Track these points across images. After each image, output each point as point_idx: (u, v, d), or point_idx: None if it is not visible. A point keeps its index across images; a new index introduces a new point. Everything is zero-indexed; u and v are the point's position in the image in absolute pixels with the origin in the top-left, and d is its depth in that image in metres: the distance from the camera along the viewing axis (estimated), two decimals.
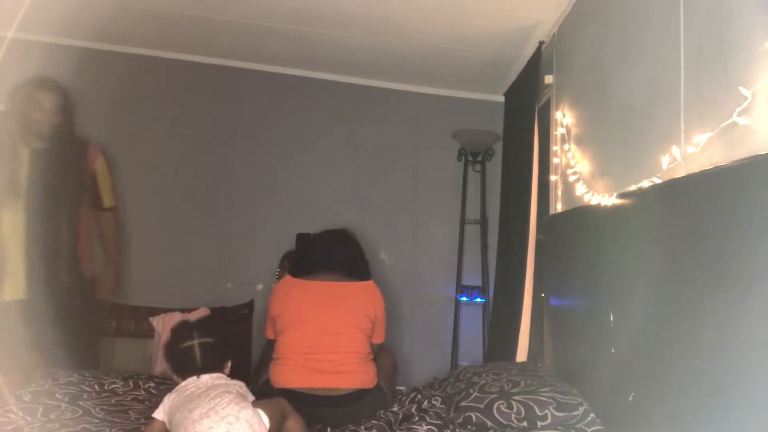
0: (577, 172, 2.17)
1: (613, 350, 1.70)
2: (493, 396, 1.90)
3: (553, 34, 2.61)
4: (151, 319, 3.17)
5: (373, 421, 2.09)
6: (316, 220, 3.65)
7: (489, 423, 1.84)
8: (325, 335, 2.29)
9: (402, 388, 2.74)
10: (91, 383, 2.37)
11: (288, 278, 2.46)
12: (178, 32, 3.45)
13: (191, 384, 1.83)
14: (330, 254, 2.52)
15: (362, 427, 2.06)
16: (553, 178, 2.57)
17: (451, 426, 1.93)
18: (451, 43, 2.96)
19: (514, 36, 2.76)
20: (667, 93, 1.47)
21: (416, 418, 2.04)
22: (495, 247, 3.45)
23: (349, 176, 3.81)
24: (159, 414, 1.80)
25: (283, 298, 2.40)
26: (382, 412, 2.19)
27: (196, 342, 1.89)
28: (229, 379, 1.91)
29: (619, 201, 1.70)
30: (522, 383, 1.96)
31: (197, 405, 1.72)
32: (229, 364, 1.96)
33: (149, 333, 3.15)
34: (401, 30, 2.90)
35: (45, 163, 2.69)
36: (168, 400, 1.81)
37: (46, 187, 2.65)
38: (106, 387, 2.37)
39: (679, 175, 1.35)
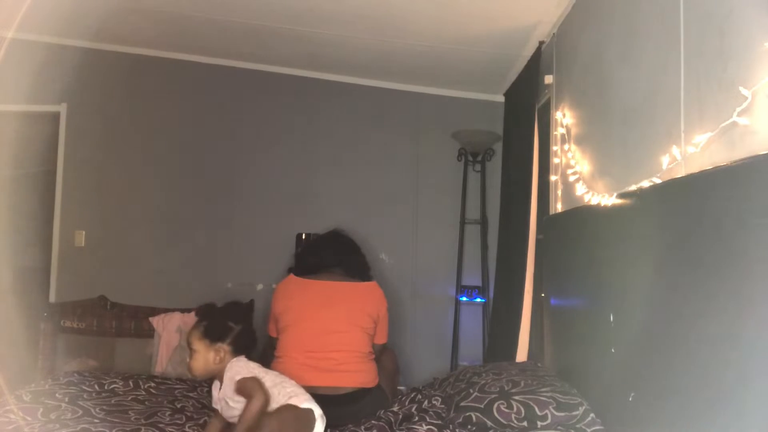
0: (577, 172, 2.17)
1: (613, 350, 1.70)
2: (493, 396, 1.89)
3: (553, 34, 2.61)
4: (151, 319, 3.17)
5: (374, 421, 2.09)
6: (316, 220, 3.66)
7: (489, 423, 1.84)
8: (327, 334, 2.29)
9: (402, 388, 2.74)
10: (91, 383, 2.37)
11: (291, 277, 2.47)
12: (178, 32, 3.45)
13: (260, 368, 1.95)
14: (334, 254, 2.56)
15: (362, 427, 2.06)
16: (553, 178, 2.57)
17: (451, 426, 1.93)
18: (452, 43, 2.96)
19: (514, 36, 2.76)
20: (667, 93, 1.47)
21: (416, 418, 2.04)
22: (495, 247, 3.45)
23: (349, 176, 3.81)
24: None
25: (286, 297, 2.40)
26: (383, 412, 2.19)
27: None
28: None
29: (619, 201, 1.70)
30: (522, 383, 1.96)
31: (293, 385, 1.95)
32: None
33: (149, 333, 3.15)
34: (401, 30, 2.90)
35: None
36: (266, 382, 1.89)
37: None
38: (106, 387, 2.37)
39: (679, 175, 1.35)
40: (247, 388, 1.83)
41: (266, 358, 2.52)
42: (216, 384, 1.96)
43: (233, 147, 3.87)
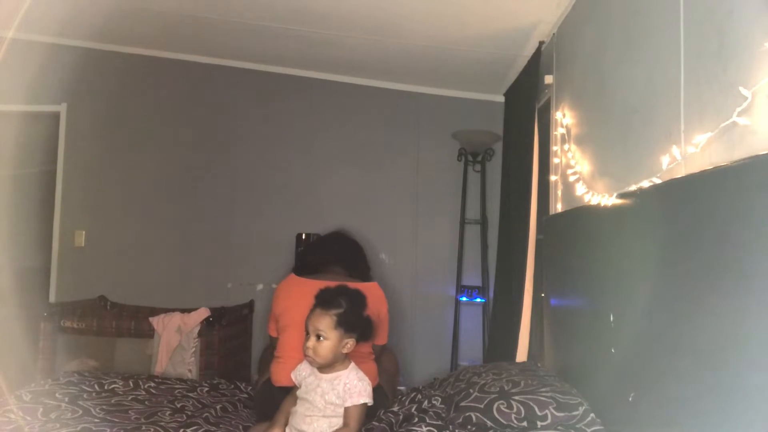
0: (577, 172, 2.17)
1: (613, 350, 1.70)
2: (493, 396, 1.89)
3: (553, 34, 2.61)
4: (151, 319, 3.17)
5: (374, 422, 2.09)
6: (316, 221, 3.67)
7: (489, 423, 1.84)
8: None
9: (402, 388, 2.74)
10: (91, 383, 2.37)
11: (292, 276, 2.47)
12: (178, 32, 3.45)
13: None
14: (335, 254, 2.56)
15: (363, 428, 2.06)
16: (553, 178, 2.57)
17: (451, 426, 1.92)
18: (452, 43, 2.96)
19: (514, 36, 2.76)
20: (667, 93, 1.47)
21: (416, 419, 2.03)
22: (495, 247, 3.45)
23: (349, 176, 3.81)
24: None
25: (286, 297, 2.40)
26: (383, 412, 2.19)
27: None
28: None
29: (619, 201, 1.70)
30: (522, 383, 1.96)
31: None
32: None
33: (149, 333, 3.15)
34: (401, 30, 2.90)
35: None
36: None
37: None
38: (106, 387, 2.37)
39: (679, 175, 1.35)
40: (355, 415, 1.84)
41: (266, 358, 2.52)
42: (308, 366, 1.96)
43: (233, 147, 3.87)
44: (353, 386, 1.86)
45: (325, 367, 1.92)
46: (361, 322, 1.94)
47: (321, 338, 1.88)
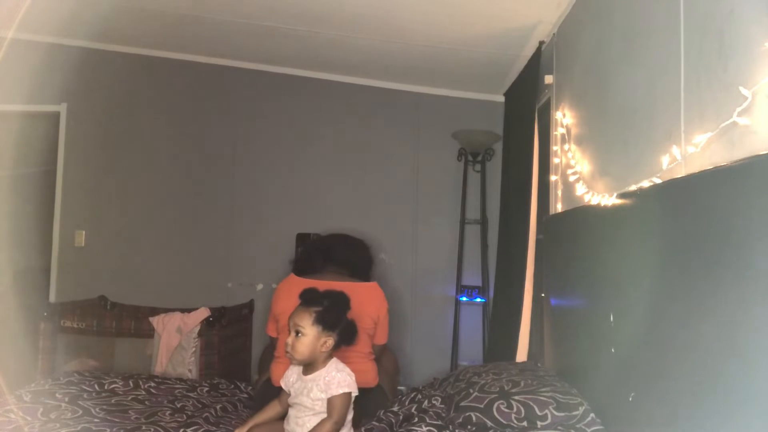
0: (577, 172, 2.17)
1: (613, 350, 1.70)
2: (493, 396, 1.89)
3: (553, 34, 2.61)
4: (151, 319, 3.17)
5: (374, 422, 2.09)
6: (316, 221, 3.67)
7: (489, 423, 1.84)
8: None
9: (402, 388, 2.74)
10: (91, 383, 2.37)
11: (292, 277, 2.47)
12: (178, 32, 3.46)
13: None
14: (334, 254, 2.56)
15: (363, 428, 2.06)
16: (553, 178, 2.57)
17: (451, 426, 1.92)
18: (452, 43, 2.96)
19: (514, 36, 2.76)
20: (667, 93, 1.47)
21: (416, 419, 2.03)
22: (495, 247, 3.45)
23: (349, 176, 3.81)
24: None
25: (286, 296, 2.40)
26: (383, 412, 2.19)
27: None
28: None
29: (619, 201, 1.70)
30: (522, 383, 1.96)
31: None
32: None
33: (149, 333, 3.15)
34: (401, 30, 2.90)
35: None
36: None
37: None
38: (106, 387, 2.37)
39: (679, 175, 1.35)
40: (336, 405, 1.84)
41: (266, 358, 2.52)
42: (295, 368, 1.97)
43: (233, 146, 3.87)
44: (332, 378, 1.88)
45: (307, 367, 1.93)
46: (340, 323, 1.95)
47: (299, 334, 1.90)
